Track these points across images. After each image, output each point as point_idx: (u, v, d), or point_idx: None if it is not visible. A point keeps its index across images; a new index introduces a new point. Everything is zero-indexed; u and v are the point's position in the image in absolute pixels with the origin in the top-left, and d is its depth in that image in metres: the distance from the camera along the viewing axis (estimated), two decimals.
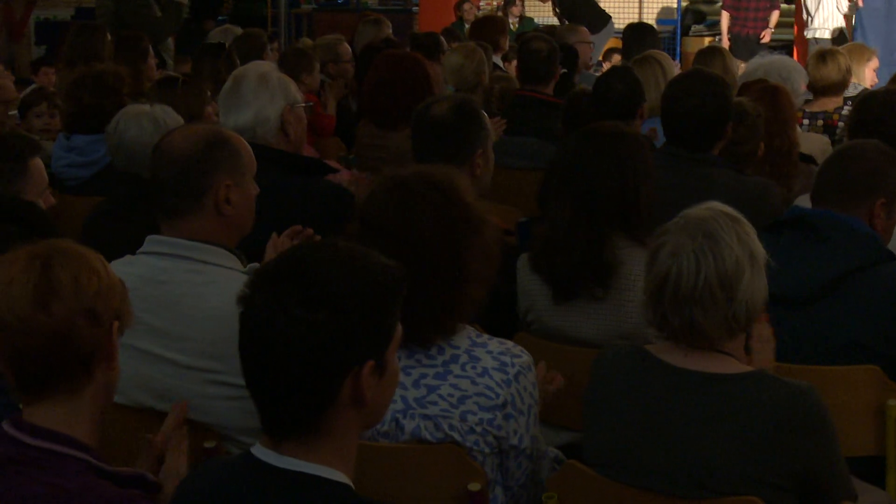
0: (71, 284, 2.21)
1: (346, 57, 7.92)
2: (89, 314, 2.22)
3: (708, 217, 2.67)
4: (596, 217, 3.51)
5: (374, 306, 2.03)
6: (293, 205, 3.90)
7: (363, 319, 2.01)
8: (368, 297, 2.03)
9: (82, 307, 2.21)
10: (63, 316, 2.19)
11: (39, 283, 2.19)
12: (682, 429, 2.63)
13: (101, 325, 2.24)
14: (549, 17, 15.17)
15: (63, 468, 2.18)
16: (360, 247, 2.11)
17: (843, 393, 3.30)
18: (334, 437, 2.06)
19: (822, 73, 6.31)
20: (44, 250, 2.24)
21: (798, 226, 3.48)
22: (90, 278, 2.23)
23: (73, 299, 2.20)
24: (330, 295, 1.99)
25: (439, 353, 2.73)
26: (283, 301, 1.99)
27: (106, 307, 2.25)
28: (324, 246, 2.09)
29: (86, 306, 2.21)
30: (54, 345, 2.20)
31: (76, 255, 2.26)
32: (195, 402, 2.95)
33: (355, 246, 2.11)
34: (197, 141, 3.13)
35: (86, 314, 2.22)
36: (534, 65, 6.46)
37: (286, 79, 4.26)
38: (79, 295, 2.21)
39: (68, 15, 14.49)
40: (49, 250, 2.24)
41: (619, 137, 3.64)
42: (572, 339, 3.59)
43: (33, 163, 3.77)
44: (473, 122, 3.91)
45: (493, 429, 2.70)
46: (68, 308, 2.20)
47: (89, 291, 2.22)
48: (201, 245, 3.07)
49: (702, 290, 2.62)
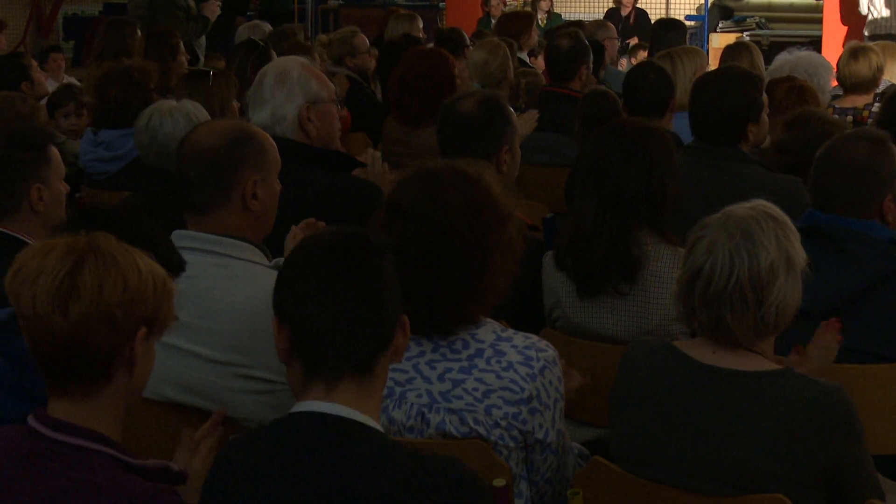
0: (94, 289, 2.17)
1: (363, 49, 7.91)
2: (108, 321, 2.18)
3: (749, 216, 2.64)
4: (622, 213, 3.51)
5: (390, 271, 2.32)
6: (318, 200, 3.90)
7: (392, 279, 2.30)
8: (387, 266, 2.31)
9: (101, 314, 2.18)
10: (79, 320, 2.16)
11: (63, 283, 2.16)
12: (709, 426, 2.62)
13: (121, 331, 2.20)
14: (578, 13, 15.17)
15: (90, 463, 2.18)
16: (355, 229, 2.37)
17: (873, 391, 3.28)
18: (378, 382, 2.28)
19: (853, 69, 6.27)
20: (83, 246, 2.21)
21: (814, 235, 3.40)
22: (115, 285, 2.19)
23: (93, 305, 2.17)
24: (377, 250, 2.28)
25: (464, 347, 2.73)
26: (340, 271, 2.24)
27: (128, 315, 2.20)
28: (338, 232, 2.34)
29: (105, 313, 2.18)
30: (68, 346, 2.18)
31: (111, 258, 2.21)
32: (221, 396, 2.96)
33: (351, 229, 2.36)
34: (224, 136, 3.14)
35: (104, 320, 2.18)
36: (555, 61, 6.48)
37: (308, 76, 4.19)
38: (100, 301, 2.17)
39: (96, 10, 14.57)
40: (87, 247, 2.20)
41: (645, 134, 3.63)
42: (597, 335, 3.58)
43: (52, 151, 3.81)
44: (500, 118, 3.90)
45: (518, 423, 2.69)
46: (86, 313, 2.17)
47: (112, 299, 2.18)
48: (227, 240, 3.08)
49: (732, 289, 2.60)
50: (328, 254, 2.26)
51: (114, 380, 2.24)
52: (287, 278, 2.28)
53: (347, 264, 2.25)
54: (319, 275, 2.24)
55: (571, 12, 15.40)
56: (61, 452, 2.19)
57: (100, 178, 5.30)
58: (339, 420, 2.19)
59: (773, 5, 15.28)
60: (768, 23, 14.82)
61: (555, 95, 6.36)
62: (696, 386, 2.66)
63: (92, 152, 5.34)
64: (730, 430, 2.59)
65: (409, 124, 5.71)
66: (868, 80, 6.30)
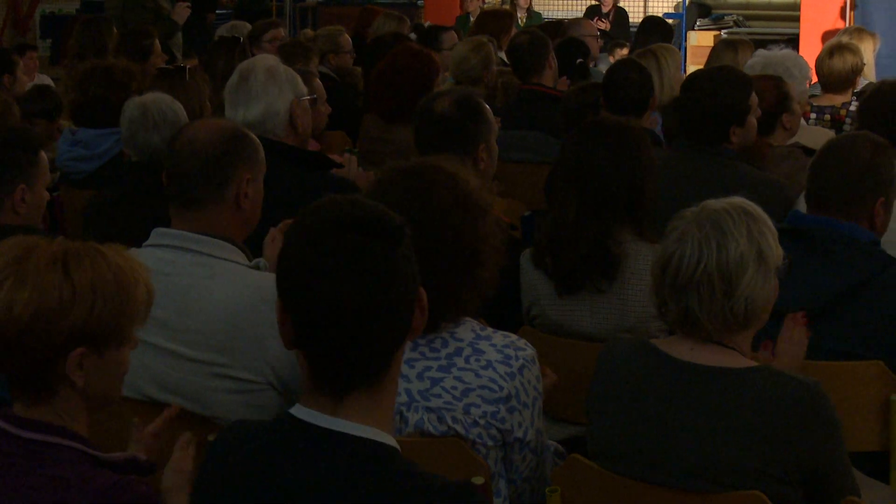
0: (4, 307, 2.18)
1: (347, 47, 7.94)
2: (36, 339, 2.19)
3: (722, 210, 2.66)
4: (602, 211, 3.52)
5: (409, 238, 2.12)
6: (298, 199, 3.89)
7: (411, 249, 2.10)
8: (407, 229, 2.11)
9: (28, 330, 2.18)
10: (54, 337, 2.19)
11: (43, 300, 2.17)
12: (686, 422, 2.62)
13: (49, 350, 2.20)
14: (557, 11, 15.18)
15: (58, 459, 2.18)
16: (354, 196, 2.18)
17: (848, 388, 3.29)
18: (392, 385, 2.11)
19: (830, 67, 6.29)
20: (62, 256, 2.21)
21: (798, 236, 3.44)
22: (27, 305, 2.18)
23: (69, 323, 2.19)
24: (395, 230, 2.07)
25: (443, 345, 2.73)
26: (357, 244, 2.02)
27: (55, 335, 2.20)
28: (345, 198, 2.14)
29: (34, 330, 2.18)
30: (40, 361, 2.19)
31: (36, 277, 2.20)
32: (199, 395, 2.96)
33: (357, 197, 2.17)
34: (221, 134, 3.17)
35: (32, 337, 2.18)
36: (519, 58, 6.52)
37: (292, 72, 4.29)
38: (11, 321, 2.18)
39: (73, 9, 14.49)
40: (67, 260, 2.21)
41: (624, 131, 3.65)
42: (575, 333, 3.59)
43: (42, 156, 3.83)
44: (476, 117, 3.91)
45: (496, 422, 2.70)
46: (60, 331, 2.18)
47: (33, 319, 2.18)
48: (208, 239, 3.08)
49: (700, 279, 2.61)
50: (337, 233, 2.03)
51: (60, 392, 2.24)
52: (289, 261, 2.06)
53: (361, 246, 2.02)
54: (327, 259, 2.01)
55: (551, 10, 15.41)
56: (29, 449, 2.19)
57: (77, 178, 5.29)
58: (348, 439, 2.04)
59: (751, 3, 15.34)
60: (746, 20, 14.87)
61: (531, 94, 6.37)
62: (673, 383, 2.67)
63: (70, 151, 5.32)
64: (708, 427, 2.60)
65: (389, 120, 5.71)
66: (845, 78, 6.32)
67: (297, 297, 2.04)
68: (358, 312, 2.00)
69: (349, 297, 2.00)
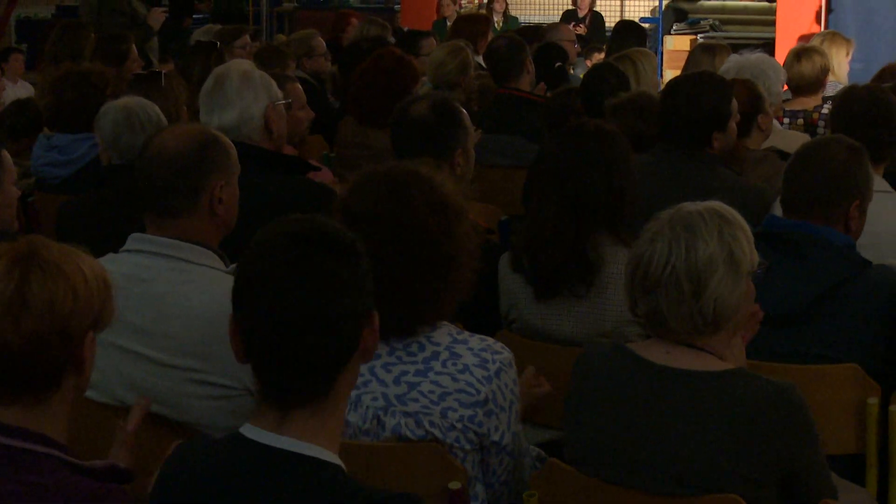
0: (45, 304, 2.16)
1: (321, 51, 7.94)
2: (61, 333, 2.18)
3: (695, 212, 2.66)
4: (581, 215, 3.52)
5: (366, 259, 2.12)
6: (274, 203, 3.89)
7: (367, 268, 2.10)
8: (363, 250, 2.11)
9: (54, 328, 2.17)
10: (31, 334, 2.16)
11: (13, 298, 2.15)
12: (663, 426, 2.63)
13: (72, 341, 2.20)
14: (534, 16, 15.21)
15: (38, 466, 2.17)
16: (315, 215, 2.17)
17: (824, 391, 3.30)
18: (340, 404, 2.11)
19: (798, 71, 6.32)
20: (26, 255, 2.20)
21: (773, 240, 3.45)
22: (65, 298, 2.18)
23: (45, 319, 2.16)
24: (347, 247, 2.08)
25: (420, 349, 2.73)
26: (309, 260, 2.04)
27: (79, 324, 2.20)
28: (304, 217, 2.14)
29: (58, 327, 2.17)
30: (20, 359, 2.17)
31: (56, 268, 2.20)
32: (175, 401, 2.96)
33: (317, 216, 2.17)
34: (191, 140, 3.14)
35: (57, 333, 2.18)
36: (497, 61, 6.54)
37: (267, 76, 4.28)
38: (52, 315, 2.16)
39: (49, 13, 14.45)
40: (30, 257, 2.19)
41: (604, 136, 3.65)
42: (553, 337, 3.59)
43: (5, 154, 3.79)
44: (453, 121, 3.92)
45: (474, 425, 2.70)
46: (38, 327, 2.16)
47: (63, 311, 2.18)
48: (185, 244, 3.07)
49: (668, 279, 2.61)
50: (288, 248, 2.05)
51: (63, 385, 2.23)
52: (242, 274, 2.10)
53: (310, 262, 2.03)
54: (275, 275, 2.04)
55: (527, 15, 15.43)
56: (9, 457, 2.18)
57: (53, 183, 5.27)
58: (289, 456, 2.04)
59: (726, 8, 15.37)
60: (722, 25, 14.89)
61: (508, 98, 6.38)
62: (650, 387, 2.67)
63: (45, 157, 5.30)
64: (684, 430, 2.60)
65: (367, 125, 5.70)
66: (814, 80, 6.34)
67: (244, 308, 2.07)
68: (301, 326, 2.02)
69: (293, 310, 2.02)
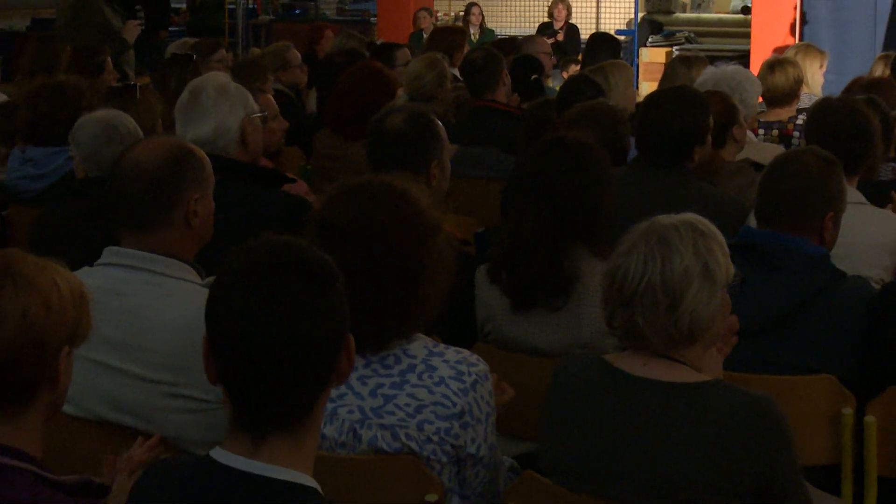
0: (18, 318, 2.15)
1: (296, 63, 7.95)
2: (34, 346, 2.17)
3: (670, 225, 2.67)
4: (559, 228, 3.52)
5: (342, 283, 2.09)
6: (250, 216, 3.90)
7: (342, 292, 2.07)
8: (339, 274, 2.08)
9: (27, 341, 2.16)
10: (4, 347, 2.15)
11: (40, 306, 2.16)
12: (640, 438, 2.63)
13: (46, 354, 2.19)
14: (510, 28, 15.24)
15: (11, 481, 2.16)
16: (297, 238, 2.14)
17: (799, 402, 3.31)
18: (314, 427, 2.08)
19: (772, 82, 6.36)
20: None
21: (748, 251, 3.46)
22: (38, 311, 2.17)
23: (18, 332, 2.15)
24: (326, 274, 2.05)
25: (396, 362, 2.73)
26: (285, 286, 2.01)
27: (54, 338, 2.20)
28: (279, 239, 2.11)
29: (31, 340, 2.16)
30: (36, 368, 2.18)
31: (29, 281, 2.19)
32: (152, 415, 2.94)
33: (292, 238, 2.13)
34: (165, 154, 3.13)
35: (30, 347, 2.17)
36: (472, 74, 6.56)
37: (243, 89, 4.29)
38: (25, 328, 2.16)
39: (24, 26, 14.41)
40: (3, 272, 2.18)
41: (583, 148, 3.66)
42: (530, 349, 3.59)
43: None
44: (428, 133, 3.92)
45: (450, 438, 2.70)
46: (10, 340, 2.15)
47: (36, 324, 2.17)
48: (160, 257, 3.06)
49: (644, 291, 2.61)
50: (264, 275, 2.02)
51: (38, 398, 2.22)
52: (216, 299, 2.06)
53: (288, 288, 2.00)
54: (251, 305, 2.00)
55: (503, 27, 15.47)
56: None
57: (27, 197, 5.25)
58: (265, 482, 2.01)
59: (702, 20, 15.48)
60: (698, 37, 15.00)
61: (484, 110, 6.39)
62: (626, 398, 2.67)
63: (19, 170, 5.28)
64: (661, 442, 2.61)
65: (346, 137, 5.71)
66: (788, 91, 6.38)
67: (220, 334, 2.03)
68: (280, 355, 1.99)
69: (272, 338, 1.99)
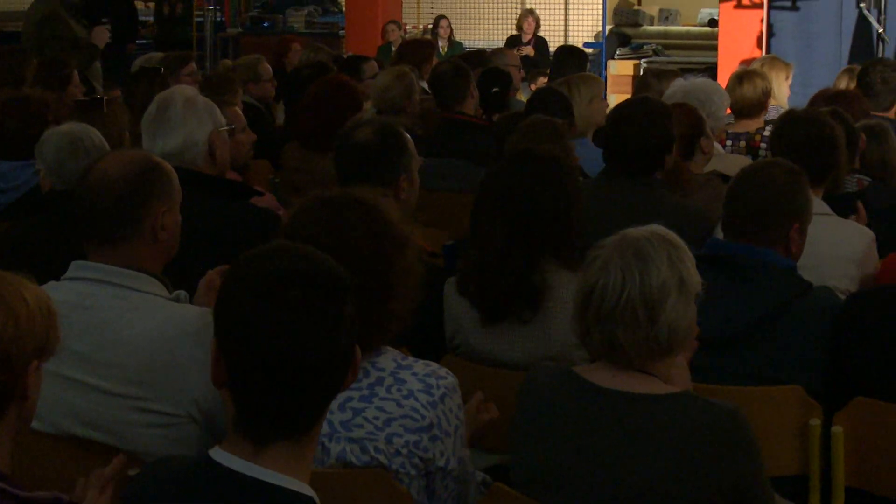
0: None
1: (267, 76, 7.95)
2: (3, 360, 2.16)
3: (642, 237, 2.68)
4: (528, 240, 3.52)
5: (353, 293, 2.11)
6: (218, 229, 3.89)
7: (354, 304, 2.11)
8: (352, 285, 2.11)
9: None
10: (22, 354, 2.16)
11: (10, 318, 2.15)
12: (609, 449, 2.63)
13: (13, 368, 2.18)
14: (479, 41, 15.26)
15: None
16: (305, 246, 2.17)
17: (767, 413, 3.32)
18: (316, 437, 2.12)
19: (740, 94, 6.40)
20: None
21: (716, 263, 3.47)
22: (6, 326, 2.16)
23: None
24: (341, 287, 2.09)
25: (365, 375, 2.72)
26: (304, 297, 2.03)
27: (21, 352, 2.18)
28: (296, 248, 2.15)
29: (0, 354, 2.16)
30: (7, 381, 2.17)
31: None
32: (119, 430, 2.92)
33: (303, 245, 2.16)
34: (132, 167, 3.12)
35: None
36: (441, 86, 6.61)
37: (211, 102, 4.28)
38: None
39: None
40: None
41: (552, 161, 3.67)
42: (499, 361, 3.59)
43: None
44: (397, 147, 3.92)
45: (419, 451, 2.69)
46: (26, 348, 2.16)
47: (4, 338, 2.15)
48: (127, 271, 3.05)
49: (623, 307, 2.63)
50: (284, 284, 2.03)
51: (6, 413, 2.20)
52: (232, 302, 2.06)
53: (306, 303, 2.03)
54: (269, 313, 2.02)
55: (472, 40, 15.49)
56: None
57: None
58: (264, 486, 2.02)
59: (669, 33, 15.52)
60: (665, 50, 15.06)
61: (453, 122, 6.40)
62: (596, 410, 2.67)
63: None
64: (629, 454, 2.61)
65: (313, 149, 5.71)
66: (756, 103, 6.42)
67: (235, 344, 2.04)
68: (296, 368, 2.02)
69: (289, 352, 2.01)
